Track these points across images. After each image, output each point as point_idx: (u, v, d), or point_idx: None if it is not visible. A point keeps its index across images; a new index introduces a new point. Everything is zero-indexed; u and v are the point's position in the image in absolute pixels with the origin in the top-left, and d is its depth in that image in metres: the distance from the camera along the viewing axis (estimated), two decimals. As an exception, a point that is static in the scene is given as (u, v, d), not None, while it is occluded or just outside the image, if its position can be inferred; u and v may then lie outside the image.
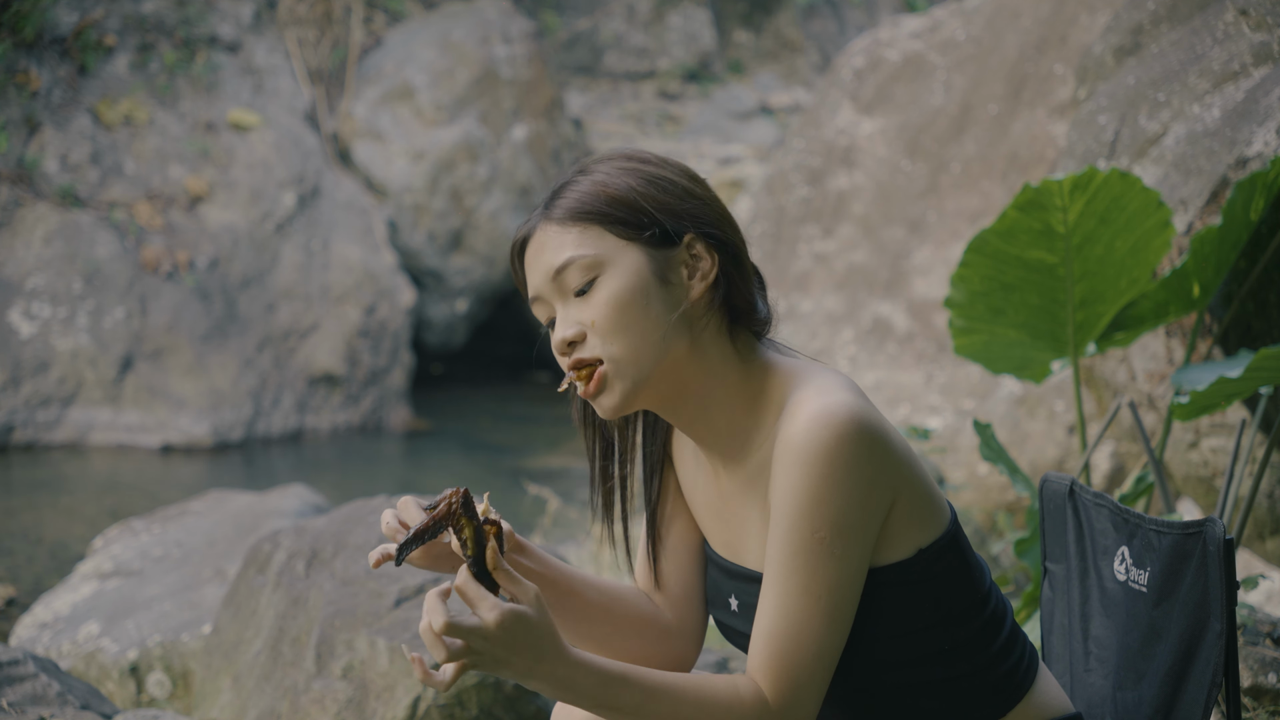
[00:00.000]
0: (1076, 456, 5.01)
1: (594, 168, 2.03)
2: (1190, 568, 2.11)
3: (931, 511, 1.98)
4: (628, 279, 1.96)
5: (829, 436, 1.89)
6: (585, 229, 1.97)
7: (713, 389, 2.00)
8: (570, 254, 1.96)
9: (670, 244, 1.98)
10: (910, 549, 1.97)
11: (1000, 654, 2.03)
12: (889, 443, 1.93)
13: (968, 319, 3.59)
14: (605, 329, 1.95)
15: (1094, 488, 2.35)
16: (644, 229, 1.97)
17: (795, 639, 1.90)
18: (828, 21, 11.91)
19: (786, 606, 1.90)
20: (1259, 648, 3.10)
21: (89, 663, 4.09)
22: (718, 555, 2.10)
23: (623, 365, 1.96)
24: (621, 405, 1.98)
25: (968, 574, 2.02)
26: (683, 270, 1.98)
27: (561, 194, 2.01)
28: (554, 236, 1.98)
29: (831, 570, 1.90)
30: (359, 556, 3.53)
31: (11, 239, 8.21)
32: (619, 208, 1.97)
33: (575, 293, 1.97)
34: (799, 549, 1.90)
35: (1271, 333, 3.44)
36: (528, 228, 2.02)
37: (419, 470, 8.28)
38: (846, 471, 1.89)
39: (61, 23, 8.62)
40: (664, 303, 1.96)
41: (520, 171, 9.59)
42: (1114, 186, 3.33)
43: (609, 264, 1.96)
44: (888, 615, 1.97)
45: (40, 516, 6.93)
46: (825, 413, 1.90)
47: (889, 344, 5.99)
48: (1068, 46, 6.00)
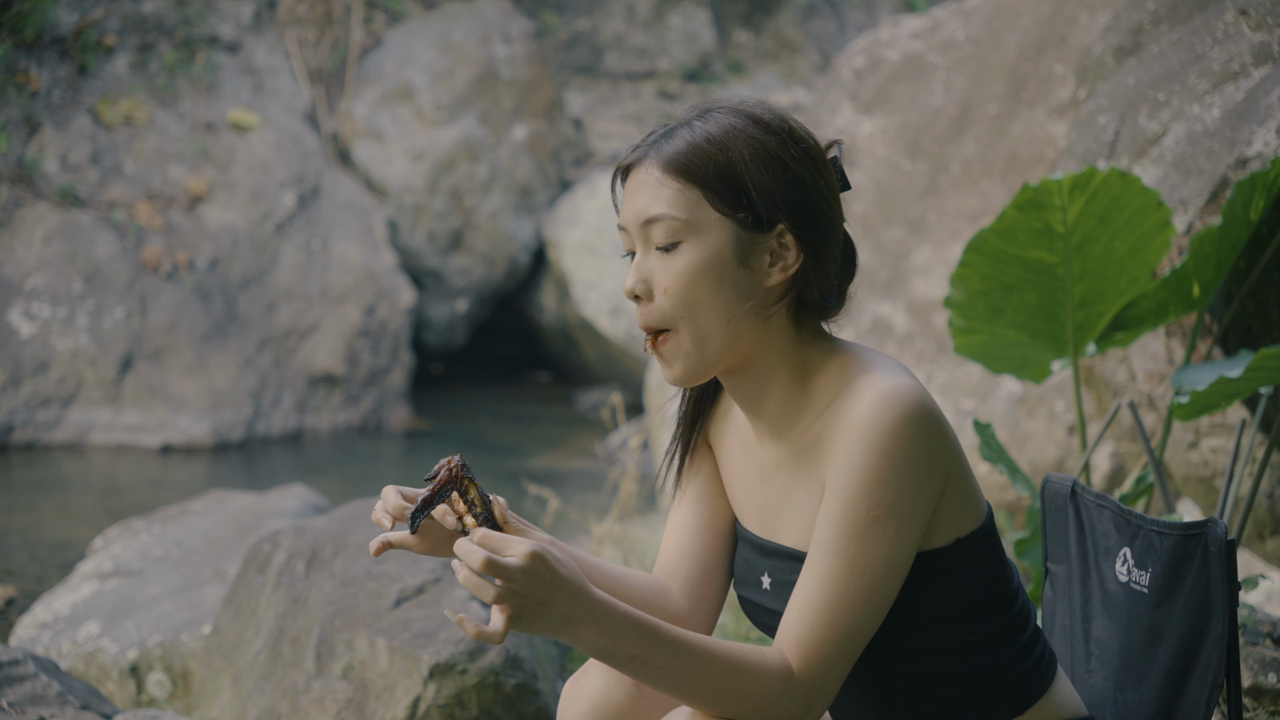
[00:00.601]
0: (1076, 456, 5.01)
1: (718, 118, 2.01)
2: (1192, 569, 2.12)
3: (973, 504, 2.00)
4: (708, 255, 1.96)
5: (894, 416, 1.90)
6: (685, 188, 1.97)
7: (772, 368, 2.01)
8: (663, 210, 1.97)
9: (762, 228, 1.97)
10: (949, 537, 1.98)
11: (1022, 652, 2.04)
12: (946, 431, 1.95)
13: (967, 319, 3.59)
14: (674, 299, 1.97)
15: (1094, 488, 2.36)
16: (740, 209, 1.97)
17: (832, 614, 1.90)
18: (828, 21, 11.91)
19: (830, 581, 1.91)
20: (1259, 648, 3.10)
21: (89, 663, 4.09)
22: (752, 533, 2.10)
23: (690, 341, 1.98)
24: (686, 377, 2.01)
25: (1000, 570, 2.03)
26: (766, 257, 1.98)
27: (676, 136, 2.00)
28: (654, 182, 1.98)
29: (880, 550, 1.91)
30: (359, 556, 3.53)
31: (11, 239, 8.21)
32: (724, 180, 1.97)
33: (658, 247, 1.98)
34: (851, 525, 1.91)
35: (1271, 333, 3.44)
36: (635, 156, 2.02)
37: (419, 470, 8.27)
38: (908, 453, 1.91)
39: (61, 23, 8.62)
40: (737, 287, 1.97)
41: (520, 171, 9.59)
42: (1113, 186, 3.33)
43: (697, 233, 1.97)
44: (918, 601, 1.98)
45: (40, 516, 6.93)
46: (892, 394, 1.91)
47: (889, 344, 5.98)
48: (1068, 46, 6.00)
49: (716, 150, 1.97)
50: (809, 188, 1.99)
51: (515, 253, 9.60)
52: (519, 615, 1.81)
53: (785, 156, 1.99)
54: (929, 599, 1.98)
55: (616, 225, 2.04)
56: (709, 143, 1.98)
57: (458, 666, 3.30)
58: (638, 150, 2.02)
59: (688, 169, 1.97)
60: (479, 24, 9.72)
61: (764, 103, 2.04)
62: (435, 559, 3.46)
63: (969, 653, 2.01)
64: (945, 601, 1.99)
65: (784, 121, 2.02)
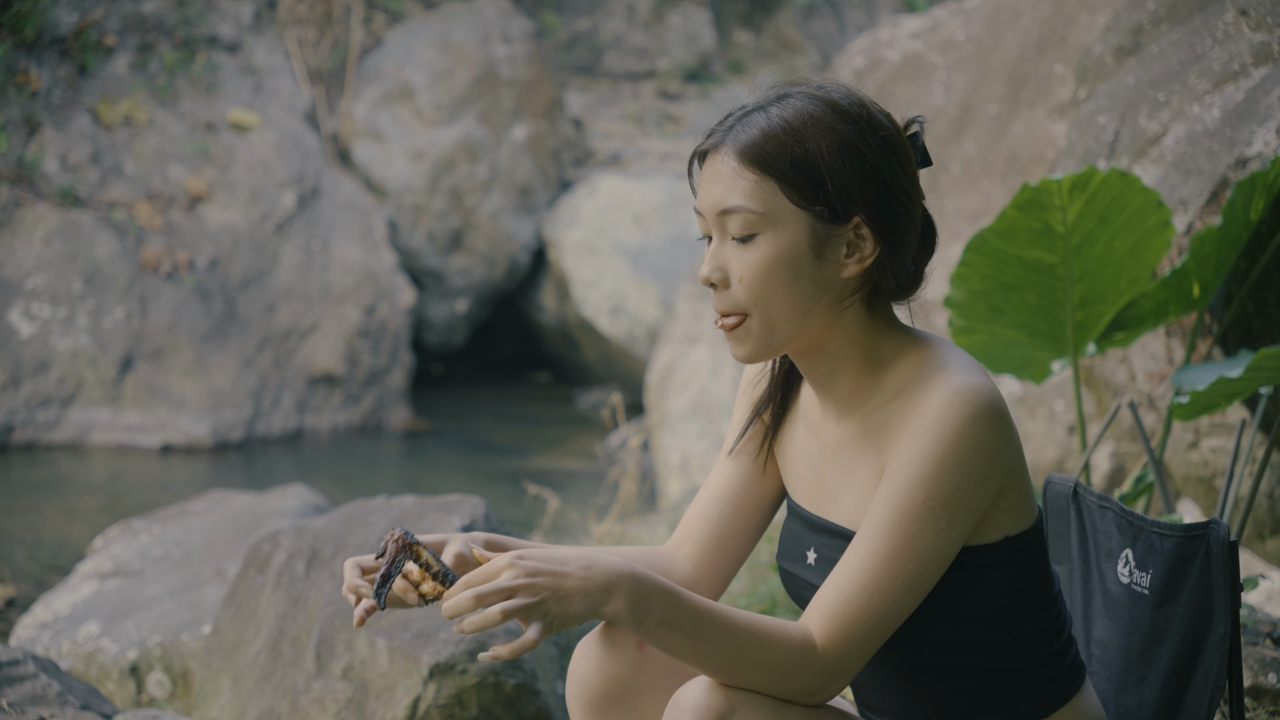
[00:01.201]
0: (1076, 456, 5.01)
1: (795, 104, 1.99)
2: (1193, 570, 2.11)
3: (1026, 505, 2.00)
4: (784, 248, 1.96)
5: (968, 412, 1.91)
6: (762, 180, 1.96)
7: (845, 351, 2.02)
8: (739, 201, 1.96)
9: (839, 220, 1.97)
10: (999, 535, 1.98)
11: (1054, 657, 2.05)
12: (1012, 431, 1.95)
13: (967, 318, 3.59)
14: (749, 289, 1.97)
15: (1094, 488, 2.36)
16: (817, 202, 1.96)
17: (869, 595, 1.91)
18: (828, 21, 11.91)
19: (873, 562, 1.91)
20: (1259, 648, 3.10)
21: (89, 663, 4.09)
22: (802, 508, 2.10)
23: (760, 326, 1.99)
24: (752, 358, 2.01)
25: (1044, 571, 2.04)
26: (843, 248, 1.98)
27: (752, 123, 1.99)
28: (730, 172, 1.97)
29: (929, 540, 1.91)
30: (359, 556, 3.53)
31: (11, 239, 8.21)
32: (801, 172, 1.96)
33: (734, 237, 1.98)
34: (906, 511, 1.91)
35: (1271, 333, 3.44)
36: (711, 143, 2.00)
37: (419, 470, 8.28)
38: (974, 450, 1.91)
39: (61, 23, 8.62)
40: (813, 279, 1.97)
41: (520, 171, 9.59)
42: (1113, 186, 3.33)
43: (773, 225, 1.96)
44: (959, 595, 1.99)
45: (40, 516, 6.93)
46: (967, 390, 1.92)
47: (889, 344, 5.99)
48: (1068, 46, 6.00)
49: (793, 141, 1.96)
50: (886, 179, 1.97)
51: (515, 253, 9.60)
52: (542, 614, 1.82)
53: (863, 147, 1.97)
54: (970, 593, 1.99)
55: (694, 209, 2.04)
56: (785, 132, 1.96)
57: (458, 666, 3.30)
58: (714, 135, 2.01)
59: (764, 160, 1.96)
60: (479, 24, 9.72)
61: (844, 87, 2.02)
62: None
63: (1002, 651, 2.01)
64: (986, 598, 1.99)
65: (863, 108, 1.99)
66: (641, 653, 2.07)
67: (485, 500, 3.72)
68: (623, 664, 2.07)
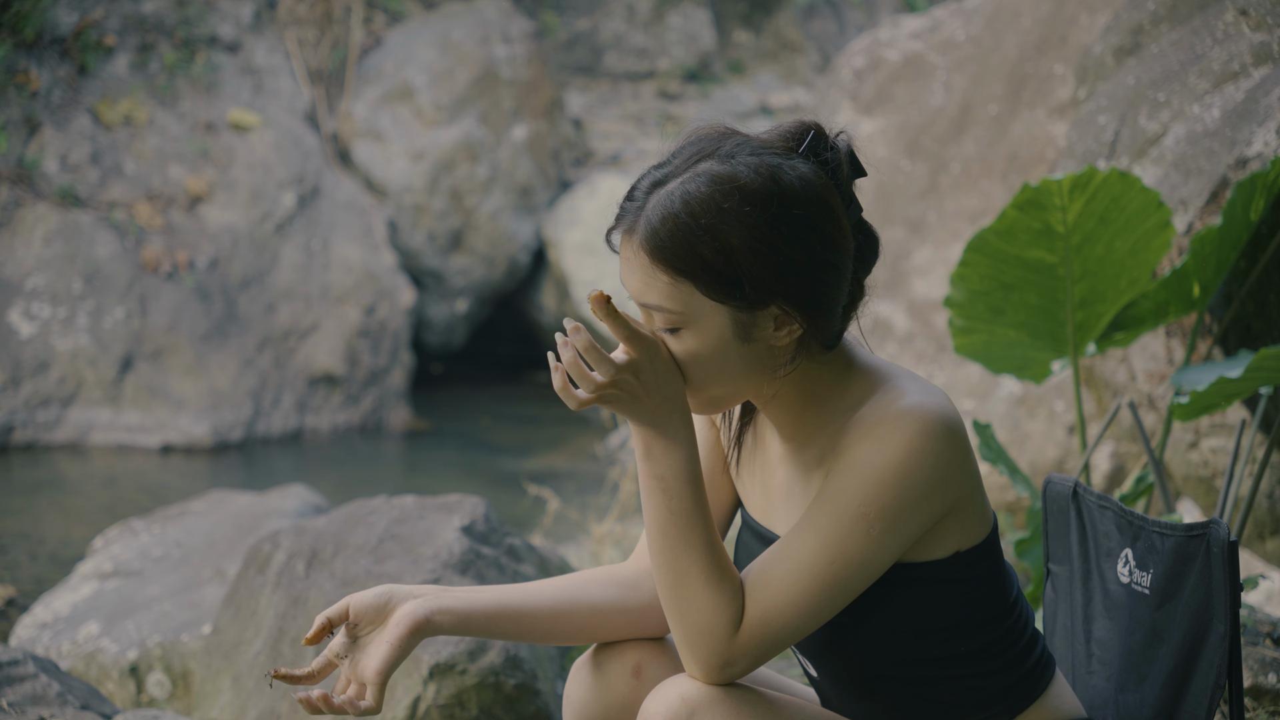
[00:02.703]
0: (1076, 457, 5.01)
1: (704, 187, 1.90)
2: (1193, 570, 2.11)
3: (979, 520, 1.99)
4: (709, 341, 1.93)
5: (918, 430, 1.89)
6: (676, 281, 1.91)
7: (790, 395, 2.00)
8: (657, 301, 1.92)
9: (760, 307, 1.92)
10: (948, 551, 1.97)
11: (1015, 660, 2.04)
12: (967, 456, 1.93)
13: (967, 318, 3.59)
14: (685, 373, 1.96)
15: (1094, 488, 2.36)
16: (733, 298, 1.91)
17: (785, 587, 1.90)
18: (828, 21, 11.91)
19: (795, 554, 1.90)
20: (1259, 648, 3.10)
21: (89, 663, 4.09)
22: (755, 520, 2.09)
23: (700, 404, 1.99)
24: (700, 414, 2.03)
25: (998, 583, 2.02)
26: (770, 324, 1.94)
27: (659, 210, 1.91)
28: (644, 269, 1.92)
29: (857, 547, 1.90)
30: (359, 556, 3.53)
31: (11, 239, 8.21)
32: (713, 273, 1.90)
33: (659, 328, 1.95)
34: (838, 513, 1.90)
35: (1271, 333, 3.44)
36: (624, 225, 1.94)
37: (419, 470, 8.28)
38: (919, 469, 1.89)
39: (61, 23, 8.62)
40: (743, 359, 1.94)
41: (520, 171, 9.59)
42: (1113, 186, 3.33)
43: (694, 321, 1.92)
44: (910, 611, 1.97)
45: (40, 516, 6.93)
46: (923, 408, 1.90)
47: (889, 344, 5.98)
48: (1068, 46, 6.00)
49: (702, 240, 1.89)
50: (805, 263, 1.91)
51: (515, 253, 9.60)
52: (615, 399, 1.91)
53: (776, 237, 1.89)
54: (921, 610, 1.97)
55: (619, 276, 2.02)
56: (693, 230, 1.89)
57: (458, 666, 3.30)
58: (628, 215, 1.94)
59: (674, 262, 1.90)
60: (479, 24, 9.72)
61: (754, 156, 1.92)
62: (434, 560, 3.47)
63: (961, 661, 2.01)
64: (938, 613, 1.98)
65: (772, 182, 1.90)
66: (637, 679, 2.07)
67: (485, 500, 3.72)
68: (618, 691, 2.08)
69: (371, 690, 2.00)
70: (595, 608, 2.11)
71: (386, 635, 2.02)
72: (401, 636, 2.01)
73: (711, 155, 1.93)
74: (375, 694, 2.00)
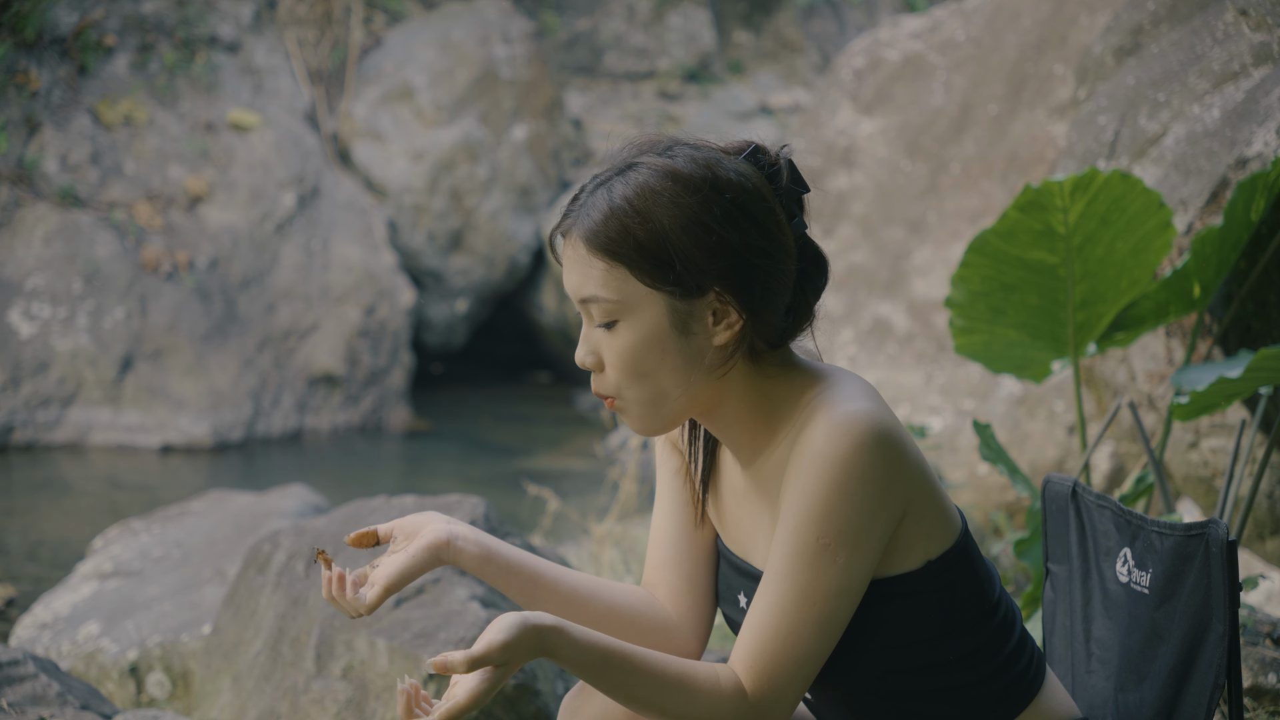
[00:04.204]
0: (1076, 457, 5.01)
1: (638, 177, 1.94)
2: (1192, 569, 2.11)
3: (943, 523, 1.98)
4: (646, 331, 1.93)
5: (847, 445, 1.88)
6: (611, 267, 1.93)
7: (737, 408, 1.99)
8: (594, 291, 1.94)
9: (696, 294, 1.93)
10: (919, 560, 1.96)
11: (1007, 662, 2.03)
12: (905, 455, 1.92)
13: (968, 319, 3.59)
14: (621, 374, 1.96)
15: (1094, 488, 2.36)
16: (669, 282, 1.92)
17: (783, 640, 1.90)
18: (828, 22, 11.91)
19: (780, 607, 1.90)
20: (1259, 648, 3.10)
21: (89, 663, 4.09)
22: (730, 551, 2.09)
23: (642, 407, 1.97)
24: (651, 433, 2.00)
25: (977, 585, 2.01)
26: (708, 318, 1.94)
27: (596, 204, 1.94)
28: (582, 260, 1.95)
29: (831, 578, 1.89)
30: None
31: (11, 239, 8.21)
32: (647, 255, 1.91)
33: (598, 324, 1.96)
34: (801, 553, 1.89)
35: (1271, 333, 3.44)
36: (564, 225, 1.97)
37: (419, 470, 8.28)
38: (861, 482, 1.88)
39: (61, 23, 8.62)
40: (682, 353, 1.94)
41: (520, 171, 9.59)
42: (1115, 188, 3.33)
43: (630, 310, 1.93)
44: (894, 626, 1.97)
45: (40, 516, 6.93)
46: (846, 421, 1.89)
47: (889, 344, 5.98)
48: (1068, 46, 6.00)
49: (635, 222, 1.91)
50: (736, 246, 1.92)
51: (515, 253, 9.60)
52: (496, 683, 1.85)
53: (708, 218, 1.91)
54: (905, 623, 1.97)
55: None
56: (627, 214, 1.91)
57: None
58: (567, 217, 1.97)
59: (608, 246, 1.92)
60: (479, 24, 9.72)
61: (691, 148, 1.96)
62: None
63: (950, 669, 2.00)
64: (922, 624, 1.97)
65: (708, 170, 1.93)
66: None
67: (485, 500, 3.72)
68: (619, 714, 2.07)
69: (373, 591, 2.00)
70: (613, 607, 2.12)
71: (409, 547, 2.04)
72: (420, 549, 2.03)
73: (650, 151, 1.97)
74: (374, 596, 1.99)
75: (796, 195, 1.99)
